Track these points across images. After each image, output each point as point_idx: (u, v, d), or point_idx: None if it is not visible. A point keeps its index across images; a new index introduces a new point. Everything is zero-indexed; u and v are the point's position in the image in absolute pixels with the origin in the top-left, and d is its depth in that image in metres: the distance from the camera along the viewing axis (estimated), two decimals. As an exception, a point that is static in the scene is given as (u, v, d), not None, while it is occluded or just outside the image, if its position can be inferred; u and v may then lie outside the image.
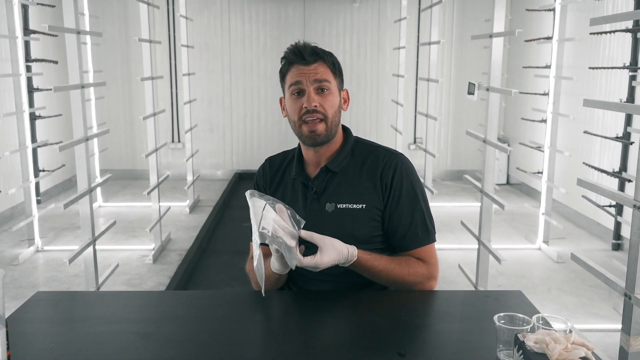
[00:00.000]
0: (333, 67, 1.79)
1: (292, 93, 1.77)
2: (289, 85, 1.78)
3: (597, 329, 3.51)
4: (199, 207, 6.30)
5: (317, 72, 1.75)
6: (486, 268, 3.51)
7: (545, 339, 1.17)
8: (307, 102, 1.74)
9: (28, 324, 1.52)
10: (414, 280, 1.75)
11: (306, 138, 1.78)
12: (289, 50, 1.79)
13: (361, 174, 1.81)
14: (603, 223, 5.06)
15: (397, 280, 1.74)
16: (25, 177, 4.70)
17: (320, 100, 1.75)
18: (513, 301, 1.68)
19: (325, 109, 1.75)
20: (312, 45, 1.79)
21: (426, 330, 1.54)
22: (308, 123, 1.75)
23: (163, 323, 1.54)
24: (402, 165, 1.81)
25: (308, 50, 1.76)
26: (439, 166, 7.68)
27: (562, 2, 4.67)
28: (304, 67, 1.75)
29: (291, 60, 1.78)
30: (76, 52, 3.12)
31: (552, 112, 4.80)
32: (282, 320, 1.66)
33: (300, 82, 1.75)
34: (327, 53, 1.80)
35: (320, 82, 1.75)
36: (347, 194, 1.79)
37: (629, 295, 1.78)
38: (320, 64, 1.77)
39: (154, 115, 4.84)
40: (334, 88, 1.79)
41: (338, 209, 1.78)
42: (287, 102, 1.80)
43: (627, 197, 1.80)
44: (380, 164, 1.80)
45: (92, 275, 3.36)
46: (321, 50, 1.79)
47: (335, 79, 1.80)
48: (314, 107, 1.74)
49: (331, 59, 1.80)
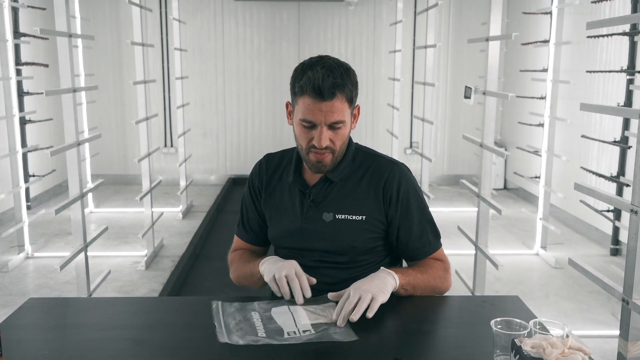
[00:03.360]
0: (350, 94, 1.66)
1: (303, 124, 1.67)
2: (299, 117, 1.66)
3: (596, 335, 3.49)
4: (192, 213, 6.26)
5: (333, 112, 1.63)
6: (483, 274, 3.49)
7: (542, 343, 1.18)
8: (318, 142, 1.65)
9: (21, 331, 1.52)
10: (439, 285, 1.77)
11: (312, 166, 1.73)
12: (306, 82, 1.61)
13: (362, 184, 1.77)
14: (601, 228, 5.04)
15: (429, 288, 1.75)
16: (15, 182, 4.66)
17: (331, 136, 1.67)
18: (510, 306, 1.68)
19: (335, 144, 1.69)
20: (332, 79, 1.60)
21: (423, 335, 1.53)
22: (317, 154, 1.69)
23: (157, 329, 1.53)
24: (405, 176, 1.78)
25: (327, 87, 1.60)
26: (435, 171, 7.64)
27: (559, 5, 4.66)
28: (320, 103, 1.62)
29: (307, 92, 1.62)
30: (68, 56, 3.10)
31: (549, 116, 4.79)
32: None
33: (314, 121, 1.65)
34: (347, 82, 1.64)
35: (336, 123, 1.65)
36: (347, 205, 1.75)
37: (627, 300, 1.78)
38: (338, 99, 1.63)
39: (147, 119, 4.81)
40: (348, 119, 1.69)
41: (336, 219, 1.75)
42: (296, 127, 1.70)
43: (625, 201, 1.80)
44: (384, 175, 1.76)
45: (83, 282, 3.33)
46: (341, 81, 1.62)
47: (350, 107, 1.68)
48: (325, 147, 1.67)
49: (350, 87, 1.65)
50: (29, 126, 5.41)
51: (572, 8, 5.33)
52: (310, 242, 1.77)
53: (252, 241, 1.93)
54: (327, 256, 1.77)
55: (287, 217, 1.81)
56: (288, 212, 1.80)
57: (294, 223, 1.79)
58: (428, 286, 1.72)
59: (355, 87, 1.69)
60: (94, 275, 3.71)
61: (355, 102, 1.72)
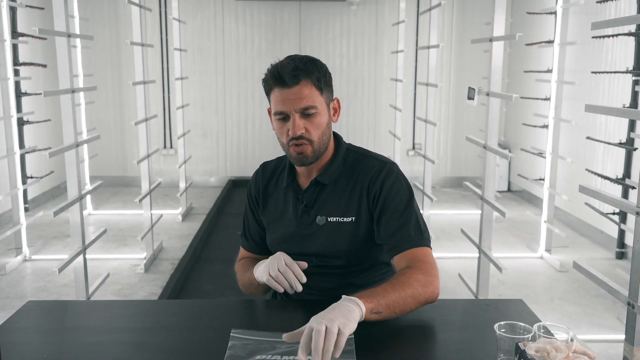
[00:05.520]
0: (319, 83, 1.67)
1: (277, 118, 1.69)
2: (273, 111, 1.69)
3: (601, 339, 3.46)
4: (192, 215, 6.23)
5: (301, 98, 1.63)
6: (487, 277, 3.49)
7: (546, 347, 1.18)
8: (292, 130, 1.65)
9: (19, 334, 1.53)
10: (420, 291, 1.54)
11: (294, 160, 1.72)
12: (268, 72, 1.67)
13: (350, 185, 1.75)
14: (607, 231, 5.00)
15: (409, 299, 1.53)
16: (12, 184, 4.65)
17: (306, 124, 1.66)
18: (514, 310, 1.68)
19: (311, 133, 1.67)
20: (294, 63, 1.65)
21: (426, 339, 1.52)
22: (296, 146, 1.68)
23: (156, 333, 1.53)
24: (391, 172, 1.73)
25: (288, 72, 1.62)
26: (438, 173, 7.59)
27: (564, 5, 4.63)
28: (286, 90, 1.64)
29: (271, 84, 1.67)
30: (67, 56, 3.10)
31: (553, 117, 4.75)
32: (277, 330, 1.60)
33: (284, 111, 1.66)
34: (311, 68, 1.66)
35: (306, 109, 1.65)
36: (337, 207, 1.74)
37: (632, 304, 1.78)
38: (305, 85, 1.64)
39: (146, 120, 4.78)
40: (321, 107, 1.68)
41: (329, 222, 1.74)
42: (274, 123, 1.72)
43: (630, 204, 1.81)
44: (369, 174, 1.73)
45: (82, 285, 3.33)
46: (303, 66, 1.65)
47: (322, 95, 1.68)
48: (300, 135, 1.65)
49: (316, 74, 1.66)
50: (26, 127, 5.40)
51: (577, 8, 5.29)
52: (305, 247, 1.76)
53: (254, 250, 1.93)
54: (324, 260, 1.76)
55: (283, 223, 1.81)
56: (284, 218, 1.81)
57: (289, 228, 1.79)
58: (407, 297, 1.50)
59: (325, 76, 1.69)
60: (93, 278, 3.72)
61: (327, 92, 1.71)
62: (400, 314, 1.51)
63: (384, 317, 1.47)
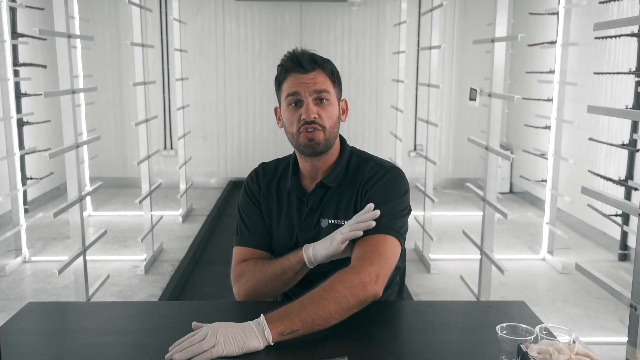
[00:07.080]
0: (332, 75, 1.73)
1: (290, 103, 1.70)
2: (285, 95, 1.71)
3: (604, 341, 3.46)
4: (192, 216, 6.22)
5: (316, 82, 1.68)
6: (489, 279, 3.48)
7: (548, 349, 1.18)
8: (306, 114, 1.67)
9: (20, 336, 1.53)
10: (345, 293, 1.47)
11: (305, 147, 1.70)
12: (285, 58, 1.73)
13: (351, 188, 1.75)
14: (609, 233, 4.98)
15: (332, 305, 1.45)
16: (12, 185, 4.64)
17: (319, 110, 1.69)
18: (516, 312, 1.67)
19: (324, 120, 1.70)
20: (310, 52, 1.73)
21: (427, 341, 1.51)
22: (306, 132, 1.68)
23: (156, 334, 1.53)
24: (386, 174, 1.71)
25: (306, 58, 1.70)
26: (439, 174, 7.58)
27: (566, 5, 4.62)
28: (302, 75, 1.69)
29: (288, 68, 1.71)
30: (67, 57, 3.10)
31: (556, 118, 4.74)
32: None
33: (298, 92, 1.68)
34: (326, 61, 1.75)
35: (320, 93, 1.69)
36: (340, 210, 1.74)
37: (635, 306, 1.78)
38: (319, 73, 1.70)
39: (146, 121, 4.78)
40: (333, 98, 1.73)
41: (331, 225, 1.73)
42: (284, 113, 1.73)
43: (633, 205, 1.81)
44: (366, 177, 1.73)
45: (82, 286, 3.33)
46: (320, 57, 1.73)
47: (334, 88, 1.74)
48: (313, 119, 1.66)
49: (330, 67, 1.74)
50: (26, 128, 5.40)
51: (580, 9, 5.28)
52: None
53: (262, 245, 1.81)
54: (330, 264, 1.72)
55: (285, 225, 1.79)
56: (286, 220, 1.79)
57: (292, 230, 1.77)
58: (329, 305, 1.43)
59: (337, 72, 1.76)
60: (93, 279, 3.71)
61: (339, 87, 1.76)
62: (325, 324, 1.44)
63: (303, 333, 1.41)
